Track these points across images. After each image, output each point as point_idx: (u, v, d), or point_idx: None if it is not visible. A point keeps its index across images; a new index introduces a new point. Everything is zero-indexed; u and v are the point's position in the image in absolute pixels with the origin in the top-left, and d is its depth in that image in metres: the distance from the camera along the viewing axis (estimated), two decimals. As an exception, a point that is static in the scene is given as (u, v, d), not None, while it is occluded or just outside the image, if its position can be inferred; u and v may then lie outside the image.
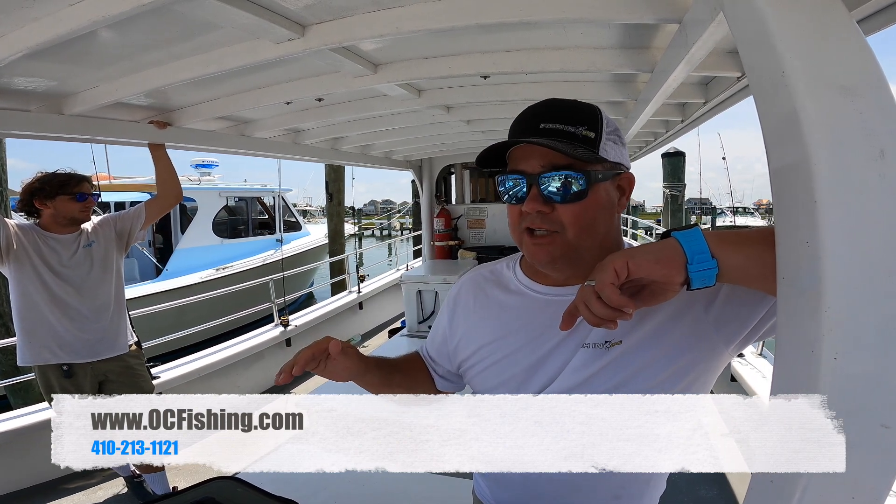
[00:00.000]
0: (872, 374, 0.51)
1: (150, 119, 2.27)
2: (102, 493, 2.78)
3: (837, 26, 0.55)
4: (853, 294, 0.50)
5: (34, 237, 2.24)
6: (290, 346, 4.87)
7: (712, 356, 0.78)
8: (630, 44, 1.63)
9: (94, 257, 2.33)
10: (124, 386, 2.41)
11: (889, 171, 0.50)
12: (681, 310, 0.77)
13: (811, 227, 0.51)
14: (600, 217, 0.79)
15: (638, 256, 0.62)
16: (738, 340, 0.76)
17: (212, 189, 9.67)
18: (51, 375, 2.29)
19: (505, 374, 0.88)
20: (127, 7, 1.07)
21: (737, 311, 0.75)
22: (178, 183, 2.55)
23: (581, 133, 0.76)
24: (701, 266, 0.61)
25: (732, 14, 0.68)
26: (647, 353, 0.78)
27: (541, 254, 0.79)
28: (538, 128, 0.77)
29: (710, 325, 0.76)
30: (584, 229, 0.77)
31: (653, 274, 0.62)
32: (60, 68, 1.64)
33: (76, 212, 2.26)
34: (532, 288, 0.89)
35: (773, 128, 0.58)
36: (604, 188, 0.78)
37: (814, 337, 0.52)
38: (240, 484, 1.29)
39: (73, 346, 2.27)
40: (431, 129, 3.38)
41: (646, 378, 0.78)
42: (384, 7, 1.30)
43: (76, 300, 2.28)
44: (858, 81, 0.53)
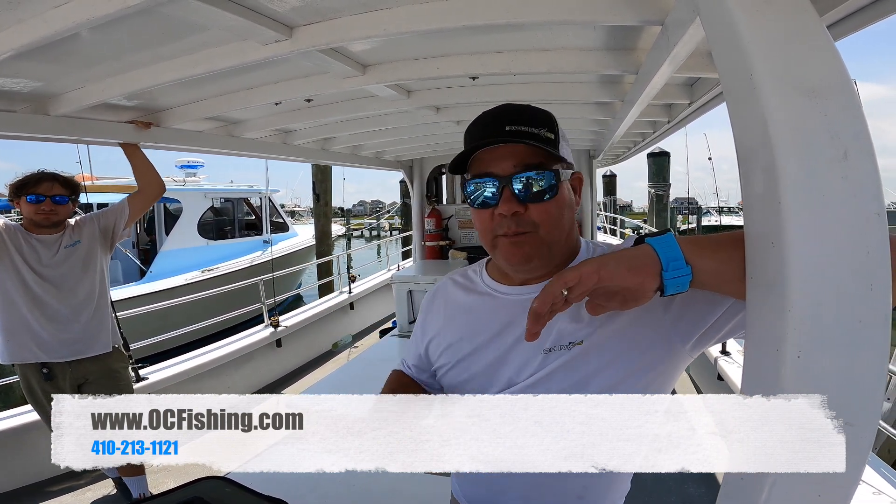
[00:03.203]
0: (836, 372, 0.52)
1: (133, 119, 2.23)
2: (91, 495, 2.76)
3: (806, 30, 0.56)
4: (817, 293, 0.51)
5: (18, 236, 2.22)
6: (280, 346, 4.85)
7: (671, 356, 0.80)
8: (615, 45, 1.65)
9: (76, 256, 2.31)
10: (103, 388, 2.37)
11: (852, 172, 0.51)
12: (640, 311, 0.74)
13: (776, 228, 0.53)
14: (566, 214, 0.82)
15: (611, 265, 0.62)
16: (694, 339, 0.77)
17: (197, 190, 9.59)
18: (31, 378, 2.28)
19: (470, 370, 0.90)
20: (112, 9, 1.06)
21: (694, 312, 0.76)
22: (158, 175, 2.49)
23: (544, 134, 0.79)
24: (676, 273, 0.61)
25: (707, 16, 0.69)
26: (607, 353, 0.79)
27: (518, 254, 0.80)
28: (504, 130, 0.78)
29: (668, 325, 0.77)
30: (555, 226, 0.80)
31: (626, 282, 0.62)
32: (46, 69, 1.63)
33: (32, 214, 2.22)
34: (496, 289, 0.91)
35: (742, 129, 0.59)
36: (566, 186, 0.82)
37: (779, 336, 0.53)
38: (228, 483, 1.30)
39: (51, 346, 2.25)
40: (421, 130, 3.39)
41: (606, 377, 0.79)
42: (372, 8, 1.31)
43: (55, 300, 2.26)
44: (824, 84, 0.54)
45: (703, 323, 0.75)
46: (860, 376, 0.52)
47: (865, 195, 0.51)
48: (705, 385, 3.80)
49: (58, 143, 2.22)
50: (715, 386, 3.47)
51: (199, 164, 10.75)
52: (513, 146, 0.79)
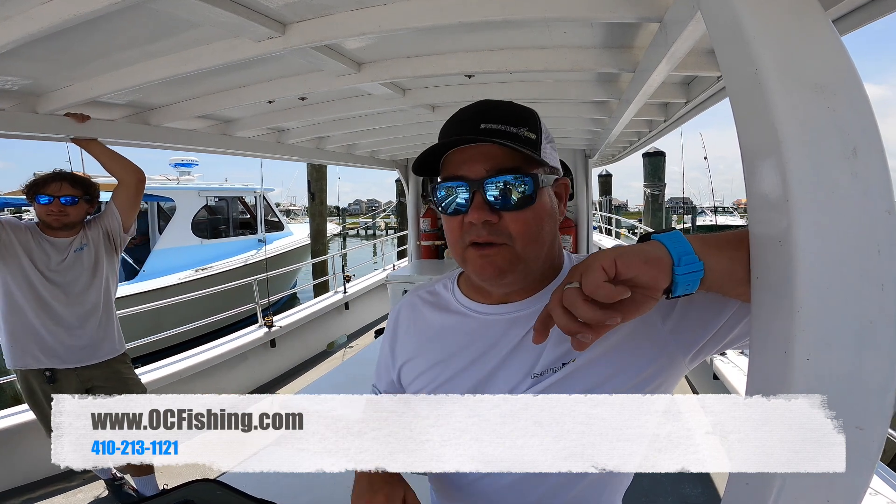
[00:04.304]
0: (846, 374, 0.50)
1: (67, 112, 1.99)
2: (83, 497, 2.73)
3: (812, 25, 0.55)
4: (826, 294, 0.50)
5: (28, 236, 2.18)
6: (274, 346, 4.82)
7: (671, 367, 0.74)
8: (613, 43, 1.64)
9: (85, 261, 2.27)
10: (114, 391, 2.34)
11: (862, 169, 0.50)
12: (637, 324, 0.67)
13: (784, 227, 0.51)
14: (547, 225, 0.74)
15: (627, 255, 0.56)
16: (695, 350, 0.72)
17: (191, 189, 9.52)
18: (33, 380, 2.24)
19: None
20: (100, 5, 1.05)
21: (694, 321, 0.71)
22: (130, 163, 2.34)
23: (523, 134, 0.72)
24: (688, 268, 0.56)
25: (709, 12, 0.68)
26: (603, 370, 0.73)
27: (489, 269, 0.72)
28: (478, 128, 0.71)
29: (667, 336, 0.72)
30: (533, 239, 0.72)
31: (642, 274, 0.56)
32: (34, 66, 1.61)
33: (43, 215, 2.19)
34: (472, 308, 0.83)
35: (747, 126, 0.58)
36: (547, 193, 0.75)
37: (787, 337, 0.51)
38: (220, 486, 1.28)
39: (57, 352, 2.22)
40: (417, 129, 3.38)
41: (604, 393, 0.73)
42: (366, 5, 1.29)
43: (63, 305, 2.22)
44: (832, 80, 0.52)
45: (705, 332, 0.70)
46: (870, 379, 0.50)
47: (875, 193, 0.50)
48: (701, 385, 3.80)
49: (46, 141, 2.19)
50: (711, 385, 3.47)
51: (194, 162, 10.71)
52: (487, 147, 0.71)
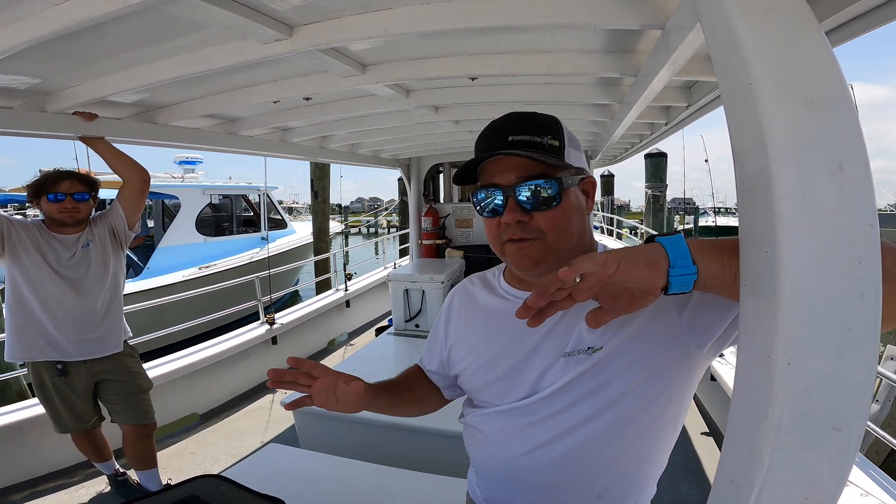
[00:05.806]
0: (825, 379, 0.53)
1: (75, 111, 2.01)
2: (86, 492, 2.75)
3: (807, 40, 0.56)
4: (808, 302, 0.52)
5: (37, 234, 2.21)
6: (275, 344, 4.84)
7: (687, 359, 0.81)
8: (615, 48, 1.66)
9: (93, 258, 2.31)
10: (122, 384, 2.39)
11: (847, 183, 0.52)
12: (655, 315, 0.79)
13: (770, 237, 0.53)
14: (574, 220, 0.83)
15: (631, 257, 0.62)
16: (710, 343, 0.78)
17: (195, 186, 9.54)
18: (44, 373, 2.27)
19: (489, 375, 0.92)
20: (113, 7, 1.06)
21: (707, 315, 0.77)
22: (135, 163, 2.38)
23: (547, 142, 0.81)
24: (682, 271, 0.61)
25: (708, 23, 0.70)
26: (624, 357, 0.81)
27: (525, 260, 0.83)
28: (507, 140, 0.81)
29: (683, 329, 0.78)
30: (562, 232, 0.82)
31: (640, 277, 0.62)
32: (44, 66, 1.63)
33: (55, 213, 2.23)
34: (514, 294, 0.94)
35: (739, 136, 0.60)
36: (573, 192, 0.83)
37: (770, 343, 0.54)
38: (224, 482, 1.30)
39: (63, 346, 2.25)
40: (420, 129, 3.39)
41: (624, 381, 0.81)
42: (372, 9, 1.31)
43: (72, 300, 2.25)
44: (822, 94, 0.54)
45: (716, 328, 0.77)
46: (848, 383, 0.53)
47: (859, 206, 0.52)
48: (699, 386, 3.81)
49: (54, 139, 2.22)
50: (708, 387, 3.48)
51: (198, 160, 10.73)
52: (516, 157, 0.81)
